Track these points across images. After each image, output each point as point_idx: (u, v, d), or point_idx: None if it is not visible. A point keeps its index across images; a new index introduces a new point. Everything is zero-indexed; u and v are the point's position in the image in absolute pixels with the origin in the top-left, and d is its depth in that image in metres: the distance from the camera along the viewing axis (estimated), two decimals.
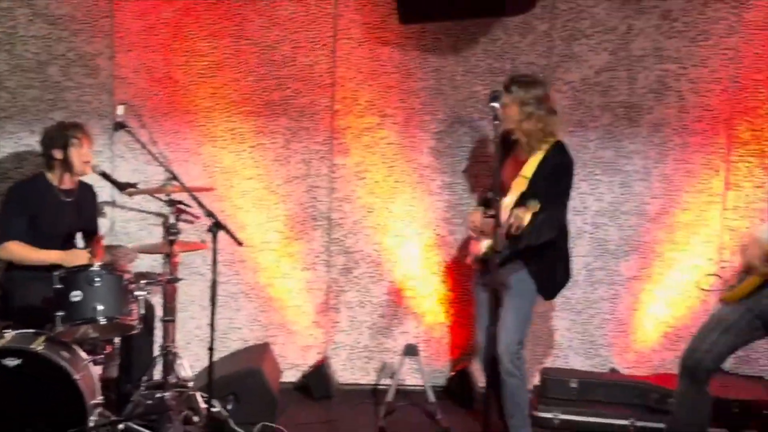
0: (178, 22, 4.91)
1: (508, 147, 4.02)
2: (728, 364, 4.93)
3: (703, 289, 4.46)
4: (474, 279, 4.24)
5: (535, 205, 3.55)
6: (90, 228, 4.53)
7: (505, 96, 3.83)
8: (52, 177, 4.28)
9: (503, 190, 3.90)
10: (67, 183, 4.31)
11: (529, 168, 3.91)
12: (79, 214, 4.40)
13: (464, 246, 4.90)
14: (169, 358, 4.19)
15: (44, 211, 4.20)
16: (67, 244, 4.33)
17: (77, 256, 4.11)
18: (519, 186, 3.90)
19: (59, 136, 4.21)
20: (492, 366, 3.86)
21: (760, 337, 3.62)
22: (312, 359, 5.16)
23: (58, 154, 4.21)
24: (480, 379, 4.99)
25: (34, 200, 4.20)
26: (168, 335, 4.22)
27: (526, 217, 3.54)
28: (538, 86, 3.95)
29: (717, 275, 4.09)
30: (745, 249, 3.63)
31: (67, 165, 4.23)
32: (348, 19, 4.98)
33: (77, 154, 4.23)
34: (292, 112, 5.02)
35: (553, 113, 3.98)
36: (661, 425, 4.17)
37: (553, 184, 3.86)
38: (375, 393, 5.09)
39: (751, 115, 4.93)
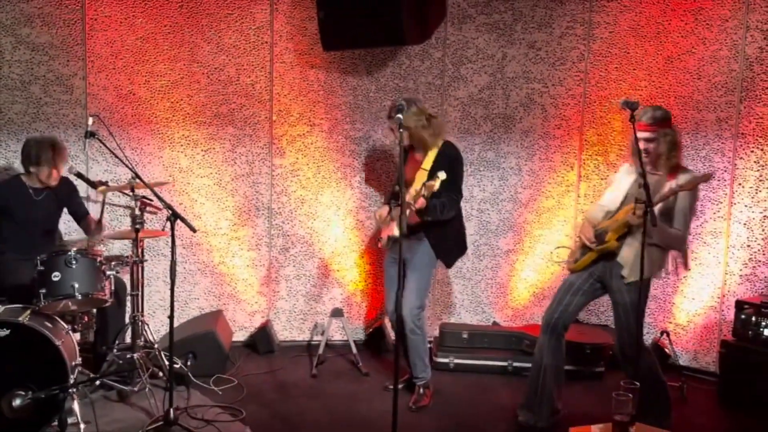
0: (140, 48, 4.76)
1: (406, 151, 4.05)
2: (581, 316, 5.12)
3: (555, 261, 4.58)
4: (386, 257, 4.24)
5: (442, 175, 3.59)
6: (78, 211, 4.34)
7: (391, 121, 3.95)
8: (26, 179, 4.11)
9: (407, 184, 3.93)
10: (39, 184, 4.13)
11: (427, 162, 3.94)
12: (57, 205, 4.22)
13: (377, 234, 4.90)
14: (138, 324, 4.11)
15: (16, 204, 4.04)
16: (48, 234, 4.17)
17: None
18: (420, 177, 3.90)
19: (34, 156, 4.01)
20: (399, 323, 3.87)
21: (601, 295, 3.75)
22: (257, 322, 5.10)
23: (32, 168, 4.05)
24: (391, 334, 5.03)
25: (7, 197, 4.04)
26: (136, 306, 4.13)
27: (436, 184, 3.61)
28: (417, 104, 3.98)
29: (566, 247, 4.18)
30: (580, 229, 3.76)
31: (38, 177, 4.07)
32: (282, 47, 4.91)
33: (48, 172, 4.05)
34: (238, 122, 4.93)
35: (435, 118, 4.02)
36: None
37: (449, 171, 3.84)
38: (309, 348, 5.06)
39: (597, 123, 5.06)
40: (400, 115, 3.38)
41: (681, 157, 3.57)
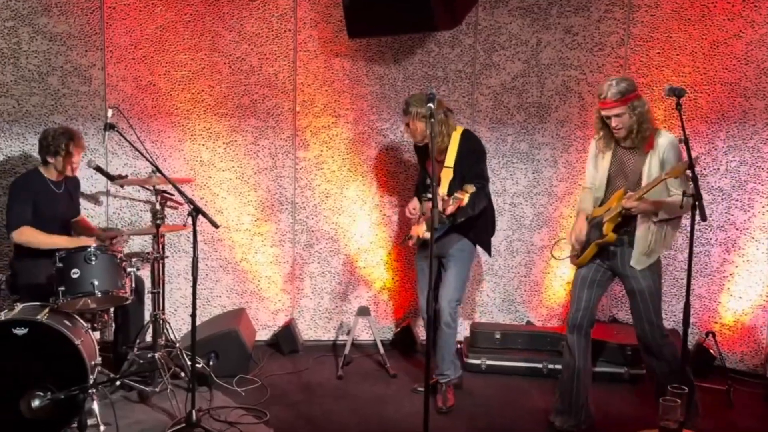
0: (160, 37, 4.77)
1: (424, 148, 4.09)
2: (620, 315, 5.03)
3: (556, 258, 4.54)
4: (417, 253, 4.27)
5: (471, 188, 3.61)
6: (75, 211, 4.40)
7: (407, 116, 3.92)
8: (45, 171, 4.13)
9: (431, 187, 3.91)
10: (57, 177, 4.16)
11: (450, 158, 3.92)
12: (68, 203, 4.26)
13: (405, 231, 4.85)
14: (158, 323, 4.12)
15: (42, 199, 4.05)
16: (64, 228, 4.19)
17: (82, 242, 3.97)
18: (446, 176, 3.91)
19: (52, 145, 4.04)
20: (432, 320, 3.80)
21: (613, 280, 3.70)
22: (281, 321, 5.09)
23: (50, 158, 4.07)
24: (420, 333, 4.99)
25: (33, 190, 4.04)
26: (157, 304, 4.15)
27: (465, 198, 3.60)
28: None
29: (564, 239, 4.10)
30: (575, 224, 3.71)
31: (56, 167, 4.09)
32: (306, 34, 4.88)
33: (67, 162, 4.08)
34: (260, 114, 4.92)
35: (450, 112, 4.02)
36: None
37: (474, 164, 3.91)
38: (334, 347, 5.05)
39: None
40: (431, 104, 3.31)
41: (654, 123, 3.49)
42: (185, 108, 4.84)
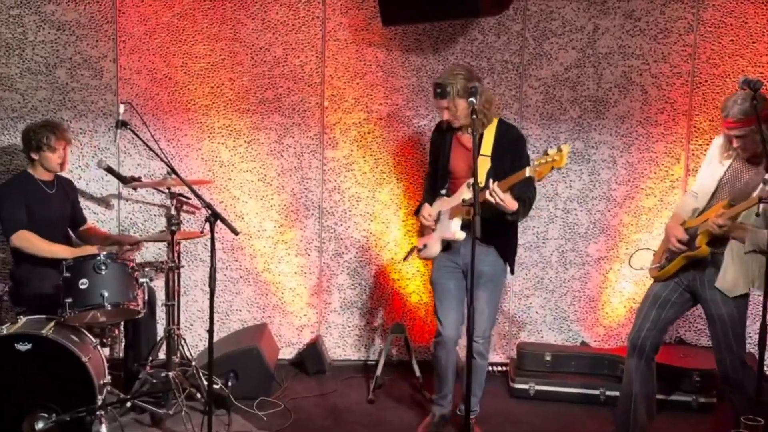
0: (176, 26, 4.82)
1: (449, 138, 3.90)
2: (688, 336, 4.93)
3: (634, 269, 4.44)
4: (435, 267, 3.96)
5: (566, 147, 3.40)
6: (77, 216, 4.46)
7: (445, 98, 3.71)
8: (33, 172, 4.20)
9: (456, 175, 3.86)
10: (47, 176, 4.23)
11: (486, 146, 3.75)
12: (63, 204, 4.32)
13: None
14: (173, 339, 4.14)
15: (34, 202, 4.12)
16: (61, 234, 4.25)
17: (86, 251, 4.02)
18: (482, 165, 3.72)
19: (33, 140, 4.12)
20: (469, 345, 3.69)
21: (690, 308, 3.65)
22: (306, 338, 5.10)
23: (33, 155, 4.15)
24: (461, 355, 4.94)
25: (25, 193, 4.12)
26: (171, 318, 4.16)
27: (562, 159, 3.38)
28: (471, 75, 3.76)
29: (649, 249, 4.00)
30: (668, 226, 3.63)
31: (42, 164, 4.17)
32: (335, 22, 4.89)
33: (50, 157, 4.14)
34: (285, 110, 4.94)
35: (488, 92, 3.87)
36: None
37: (518, 155, 3.76)
38: (365, 368, 5.03)
39: (708, 106, 4.86)
40: (474, 99, 3.27)
41: None
42: (203, 103, 4.89)
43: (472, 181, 3.45)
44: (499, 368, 4.99)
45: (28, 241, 4.02)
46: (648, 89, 4.87)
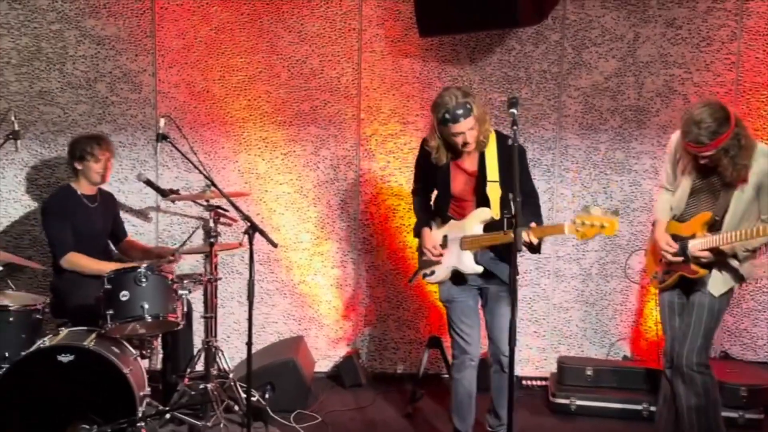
0: (214, 40, 4.94)
1: (444, 165, 3.67)
2: (734, 351, 4.89)
3: (631, 281, 4.66)
4: (449, 284, 3.77)
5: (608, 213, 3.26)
6: (117, 230, 4.60)
7: (468, 118, 3.46)
8: (76, 186, 4.34)
9: (462, 199, 3.69)
10: (89, 190, 4.37)
11: (492, 170, 3.59)
12: (105, 218, 4.45)
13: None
14: (211, 351, 4.21)
15: (77, 217, 4.26)
16: (102, 247, 4.39)
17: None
18: (494, 193, 3.58)
19: (77, 150, 4.28)
20: (508, 361, 3.47)
21: None
22: (342, 350, 5.16)
23: (77, 165, 4.29)
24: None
25: (68, 209, 4.25)
26: (209, 330, 4.24)
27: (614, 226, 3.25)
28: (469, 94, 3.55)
29: (644, 250, 4.04)
30: (656, 238, 3.65)
31: (85, 175, 4.30)
32: (371, 33, 4.97)
33: (93, 167, 4.28)
34: (321, 121, 5.03)
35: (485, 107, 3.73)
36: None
37: (528, 177, 3.72)
38: (402, 381, 5.06)
39: (753, 116, 4.85)
40: (514, 109, 3.19)
41: (750, 141, 3.37)
42: (241, 116, 5.00)
43: (488, 215, 3.53)
44: (540, 383, 5.00)
45: (76, 263, 4.16)
46: (690, 98, 4.87)
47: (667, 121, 4.91)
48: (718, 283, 3.50)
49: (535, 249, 3.47)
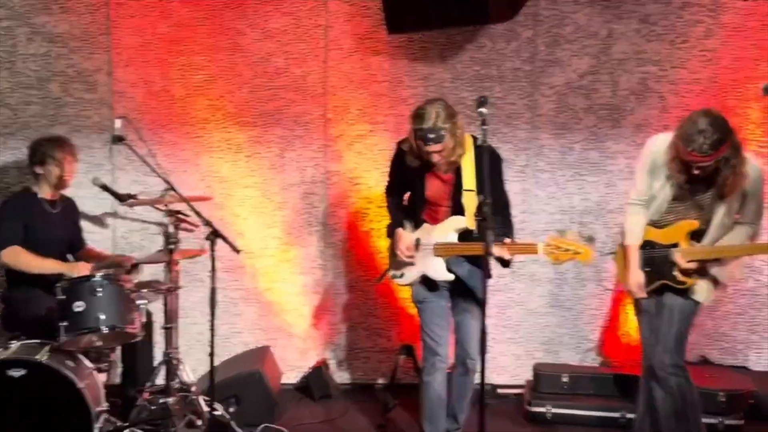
0: (173, 37, 4.88)
1: (420, 172, 3.75)
2: (713, 355, 4.93)
3: (605, 289, 4.76)
4: (417, 287, 3.85)
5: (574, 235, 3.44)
6: (76, 239, 4.50)
7: (442, 142, 3.54)
8: (37, 189, 4.24)
9: (437, 204, 3.76)
10: (51, 195, 4.27)
11: (468, 178, 3.65)
12: (65, 225, 4.37)
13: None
14: (172, 363, 4.16)
15: (35, 220, 4.16)
16: (59, 256, 4.29)
17: (78, 267, 4.05)
18: (469, 202, 3.65)
19: (38, 153, 4.18)
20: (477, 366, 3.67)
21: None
22: (311, 360, 5.11)
23: (38, 169, 4.19)
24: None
25: (25, 210, 4.16)
26: (170, 341, 4.19)
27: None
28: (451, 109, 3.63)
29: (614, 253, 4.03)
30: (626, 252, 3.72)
31: (46, 179, 4.21)
32: (338, 30, 4.95)
33: (55, 171, 4.19)
34: (286, 122, 4.99)
35: (458, 115, 3.69)
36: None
37: (502, 187, 3.76)
38: (373, 392, 5.04)
39: (729, 114, 4.74)
40: (483, 109, 3.24)
41: (742, 149, 3.47)
42: (202, 117, 4.94)
43: (463, 223, 3.58)
44: (515, 391, 4.99)
45: (16, 256, 4.03)
46: (666, 96, 4.90)
47: (642, 120, 4.93)
48: (704, 291, 3.55)
49: (506, 263, 3.59)
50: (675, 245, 3.54)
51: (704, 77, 4.88)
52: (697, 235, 3.54)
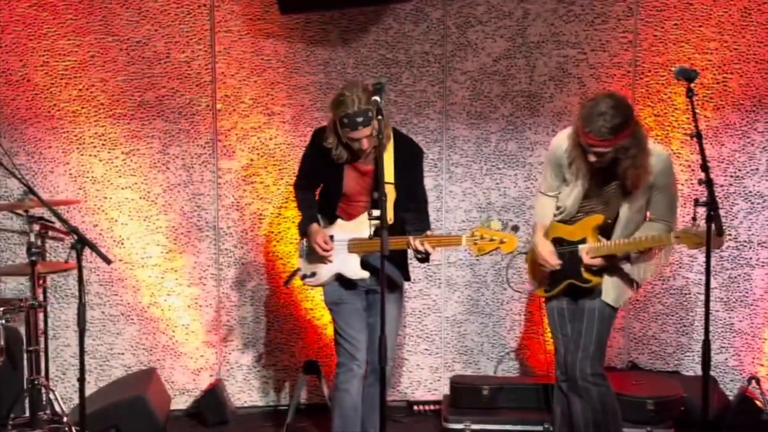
0: (34, 18, 4.75)
1: (337, 165, 3.83)
2: (642, 360, 5.01)
3: (515, 290, 4.83)
4: (330, 288, 3.92)
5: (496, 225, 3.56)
6: None
7: (370, 125, 3.60)
8: None
9: (353, 200, 3.86)
10: None
11: (388, 172, 3.73)
12: None
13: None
14: (38, 391, 4.05)
15: None
16: None
17: None
18: (388, 195, 3.62)
19: None
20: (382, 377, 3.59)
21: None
22: (204, 383, 5.04)
23: None
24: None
25: None
26: (35, 366, 4.07)
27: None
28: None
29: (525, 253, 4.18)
30: (539, 249, 3.80)
31: None
32: (226, 10, 4.89)
33: None
34: (169, 114, 4.91)
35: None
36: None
37: (420, 179, 3.89)
38: (275, 415, 5.00)
39: (653, 99, 4.99)
40: (377, 97, 3.33)
41: (647, 142, 3.55)
42: (71, 109, 4.83)
43: (374, 214, 3.53)
44: (432, 407, 5.00)
45: None
46: (586, 81, 4.98)
47: (561, 108, 5.00)
48: (611, 291, 3.64)
49: (425, 258, 3.71)
50: (583, 241, 3.62)
51: (625, 60, 4.97)
52: (607, 232, 3.61)
